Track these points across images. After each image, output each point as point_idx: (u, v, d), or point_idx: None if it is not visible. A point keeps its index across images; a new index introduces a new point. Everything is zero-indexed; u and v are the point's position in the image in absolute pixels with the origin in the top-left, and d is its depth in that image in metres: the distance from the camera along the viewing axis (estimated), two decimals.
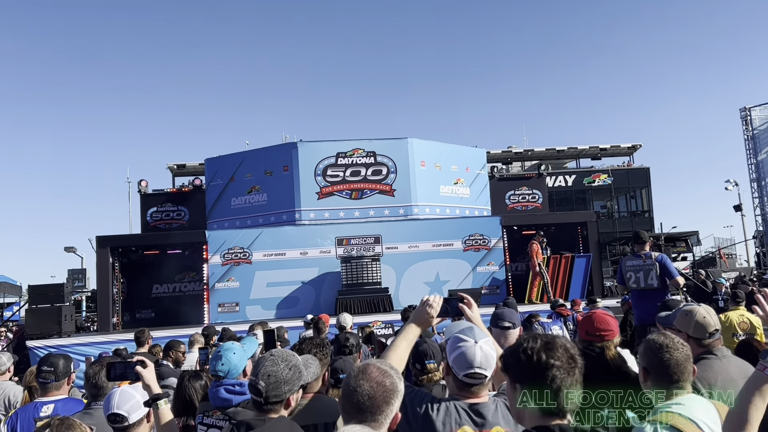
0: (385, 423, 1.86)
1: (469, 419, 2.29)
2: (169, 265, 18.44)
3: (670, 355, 2.33)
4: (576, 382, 1.74)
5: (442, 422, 2.27)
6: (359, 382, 1.86)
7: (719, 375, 2.89)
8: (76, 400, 4.08)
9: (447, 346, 2.44)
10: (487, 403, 2.35)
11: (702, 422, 2.17)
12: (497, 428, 2.28)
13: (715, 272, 20.09)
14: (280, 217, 18.15)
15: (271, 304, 16.17)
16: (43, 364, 3.98)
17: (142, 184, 21.05)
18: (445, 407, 2.31)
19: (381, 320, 13.36)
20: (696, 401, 2.29)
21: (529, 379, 1.76)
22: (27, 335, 12.89)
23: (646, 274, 7.11)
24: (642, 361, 2.41)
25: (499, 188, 21.47)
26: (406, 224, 17.69)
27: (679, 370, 2.32)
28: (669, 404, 2.26)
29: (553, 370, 1.72)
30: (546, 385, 1.72)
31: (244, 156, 19.42)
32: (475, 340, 2.36)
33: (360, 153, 18.51)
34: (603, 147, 37.33)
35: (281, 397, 2.37)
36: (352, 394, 1.84)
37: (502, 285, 17.31)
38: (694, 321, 3.07)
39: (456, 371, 2.35)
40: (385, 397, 1.85)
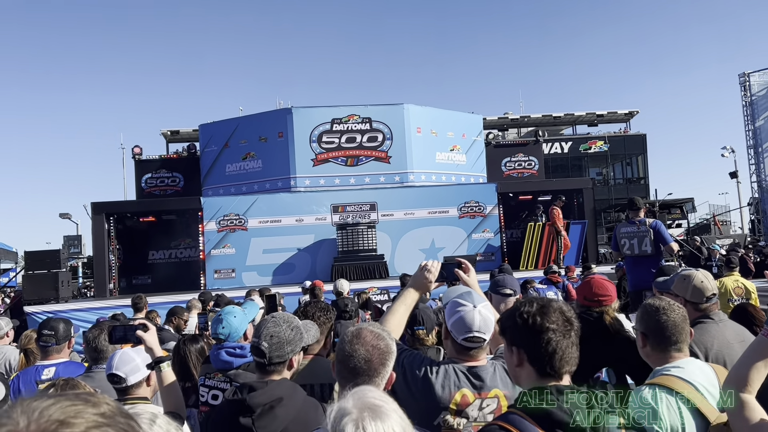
0: (381, 384, 1.89)
1: (468, 382, 2.31)
2: (164, 232, 18.43)
3: (668, 316, 2.34)
4: (572, 344, 1.75)
5: (441, 385, 2.30)
6: (355, 346, 1.87)
7: (716, 339, 2.91)
8: (76, 364, 4.10)
9: (446, 310, 2.45)
10: (486, 366, 2.37)
11: (701, 385, 2.19)
12: (496, 390, 2.31)
13: (709, 239, 20.21)
14: (276, 183, 18.09)
15: (268, 271, 16.23)
16: (44, 327, 3.99)
17: (135, 150, 20.87)
18: (444, 370, 2.34)
19: (377, 286, 13.47)
20: (695, 364, 2.31)
21: (526, 341, 1.78)
22: (24, 301, 12.93)
23: (640, 240, 7.11)
24: (640, 326, 2.42)
25: (495, 155, 21.39)
26: (401, 191, 17.67)
27: (677, 332, 2.33)
28: (668, 368, 2.28)
29: (549, 332, 1.73)
30: (542, 348, 1.74)
31: (239, 122, 19.24)
32: (474, 305, 2.37)
33: (355, 119, 18.36)
34: (600, 113, 37.09)
35: (284, 357, 2.39)
36: (348, 358, 1.86)
37: (497, 252, 17.38)
38: (692, 285, 3.08)
39: (455, 335, 2.37)
40: (381, 359, 1.88)
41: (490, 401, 2.29)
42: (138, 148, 20.87)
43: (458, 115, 20.39)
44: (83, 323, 10.40)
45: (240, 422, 2.20)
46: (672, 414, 2.09)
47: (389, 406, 1.31)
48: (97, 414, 0.77)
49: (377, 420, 1.25)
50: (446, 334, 2.45)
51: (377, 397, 1.32)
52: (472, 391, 2.30)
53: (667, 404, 2.11)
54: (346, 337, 1.92)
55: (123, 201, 21.78)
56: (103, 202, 16.89)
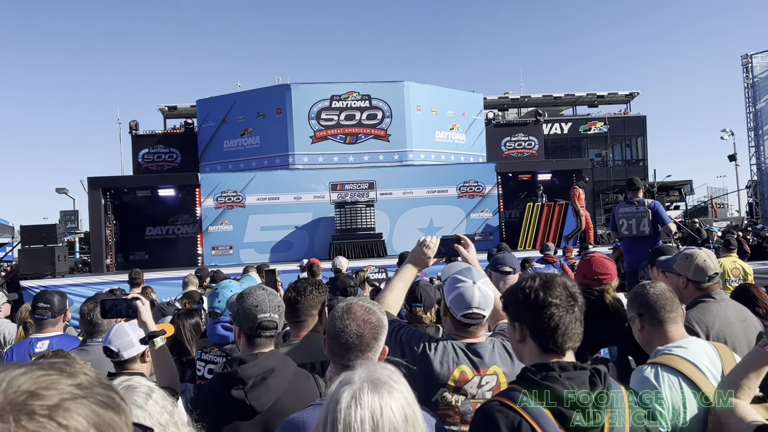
0: (374, 358, 1.87)
1: (466, 359, 2.29)
2: (161, 208, 18.35)
3: (654, 289, 2.36)
4: (575, 319, 1.72)
5: (440, 361, 2.27)
6: (346, 322, 1.84)
7: (717, 318, 2.89)
8: (70, 337, 4.09)
9: (445, 286, 2.42)
10: (485, 343, 2.35)
11: (703, 365, 2.18)
12: (494, 368, 2.28)
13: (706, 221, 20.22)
14: (274, 160, 17.99)
15: (265, 248, 16.21)
16: (39, 300, 3.97)
17: (131, 124, 20.70)
18: (443, 347, 2.31)
19: (375, 265, 13.47)
20: (697, 344, 2.29)
21: (528, 317, 1.75)
22: (20, 275, 12.90)
23: (638, 221, 7.08)
24: (633, 308, 2.40)
25: (495, 134, 21.27)
26: (400, 170, 17.58)
27: (667, 302, 2.33)
28: (670, 347, 2.26)
29: (552, 308, 1.70)
30: (544, 323, 1.71)
31: (237, 98, 19.07)
32: (474, 281, 2.34)
33: (355, 96, 18.21)
34: (600, 94, 36.93)
35: (279, 329, 2.40)
36: (340, 334, 1.84)
37: (495, 231, 17.37)
38: (695, 264, 3.05)
39: (454, 311, 2.34)
40: (373, 333, 1.85)
41: (489, 378, 2.27)
42: (134, 122, 20.69)
43: (458, 94, 20.22)
44: (79, 298, 10.38)
45: (232, 395, 2.18)
46: (674, 393, 2.09)
47: (396, 384, 1.27)
48: (72, 385, 0.71)
49: (376, 394, 1.22)
50: (445, 311, 2.42)
51: (386, 374, 1.29)
52: (471, 368, 2.28)
53: (669, 383, 2.11)
54: (336, 313, 1.89)
55: (120, 176, 21.64)
56: (100, 177, 16.78)
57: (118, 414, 0.73)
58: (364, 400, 1.20)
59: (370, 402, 1.20)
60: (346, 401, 1.20)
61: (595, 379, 1.64)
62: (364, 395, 1.20)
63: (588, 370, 1.67)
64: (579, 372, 1.66)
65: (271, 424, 2.19)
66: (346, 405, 1.19)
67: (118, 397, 0.75)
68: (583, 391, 1.60)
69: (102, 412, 0.70)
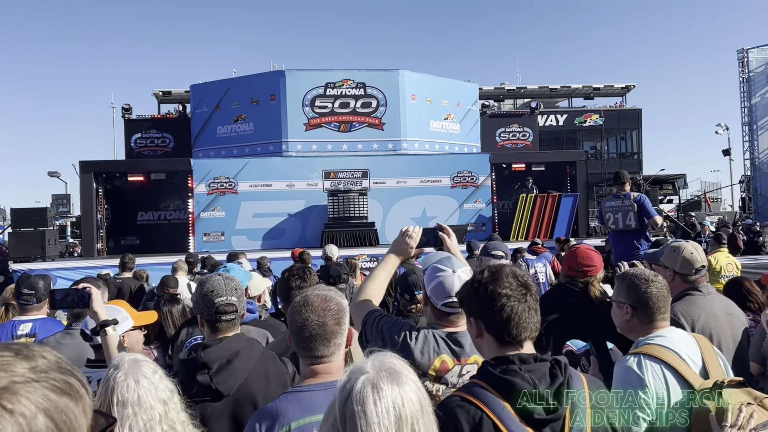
0: (342, 343, 1.87)
1: (447, 348, 2.27)
2: (153, 193, 18.26)
3: (657, 289, 2.31)
4: (529, 308, 1.69)
5: (420, 350, 2.25)
6: (305, 315, 1.84)
7: (703, 311, 2.89)
8: (54, 320, 4.05)
9: (425, 276, 2.41)
10: (465, 332, 2.33)
11: (684, 353, 2.19)
12: (475, 357, 2.27)
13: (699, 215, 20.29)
14: (267, 147, 17.91)
15: (257, 235, 16.16)
16: (23, 286, 3.93)
17: (124, 107, 20.54)
18: (424, 336, 2.29)
19: (366, 254, 13.47)
20: (677, 333, 2.30)
21: (481, 310, 1.73)
22: (10, 258, 12.82)
23: (624, 215, 7.10)
24: (627, 298, 2.35)
25: (490, 125, 21.24)
26: (394, 159, 17.54)
27: (665, 302, 2.32)
28: (651, 337, 2.27)
29: (502, 299, 1.68)
30: (496, 315, 1.68)
31: (231, 83, 18.95)
32: (453, 270, 2.32)
33: (349, 84, 18.11)
34: (596, 87, 36.85)
35: (241, 312, 2.40)
36: (302, 328, 1.83)
37: (488, 222, 17.38)
38: (681, 257, 3.04)
39: (434, 301, 2.32)
40: (335, 319, 1.86)
41: (470, 368, 2.25)
42: (128, 105, 20.53)
43: (454, 83, 20.15)
44: (69, 282, 10.33)
45: (198, 380, 2.17)
46: (657, 381, 2.10)
47: (409, 373, 1.26)
48: (26, 368, 0.68)
49: (395, 384, 1.20)
50: (426, 300, 2.41)
51: (398, 363, 1.27)
52: (452, 358, 2.26)
53: (653, 372, 2.12)
54: (293, 309, 1.88)
55: (112, 160, 21.53)
56: (92, 161, 16.67)
57: (75, 400, 0.70)
58: (385, 390, 1.18)
59: (390, 392, 1.18)
60: (366, 392, 1.17)
61: (555, 370, 1.63)
62: (384, 385, 1.18)
63: (548, 362, 1.66)
64: (539, 364, 1.65)
65: (239, 405, 2.20)
66: (366, 396, 1.17)
67: (78, 383, 0.72)
68: (543, 384, 1.59)
69: (55, 397, 0.68)
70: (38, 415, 0.65)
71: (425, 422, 1.22)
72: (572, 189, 17.61)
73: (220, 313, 2.33)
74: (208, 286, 2.36)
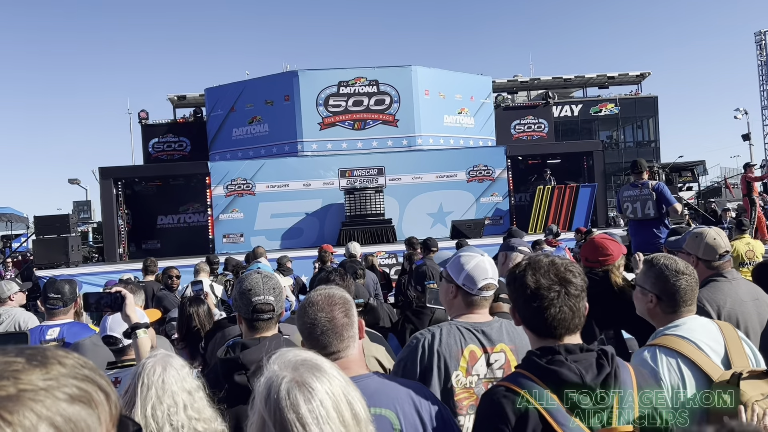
0: (354, 335, 1.87)
1: (474, 337, 2.25)
2: (172, 197, 18.45)
3: (687, 282, 2.24)
4: (565, 304, 1.66)
5: (447, 345, 2.23)
6: (313, 314, 1.85)
7: (728, 297, 2.84)
8: (81, 324, 4.12)
9: (452, 267, 2.39)
10: (491, 321, 2.33)
11: (702, 342, 2.13)
12: (501, 345, 2.26)
13: (720, 202, 20.01)
14: (282, 148, 17.99)
15: (276, 235, 16.26)
16: (50, 290, 4.00)
17: (141, 114, 20.75)
18: (447, 330, 2.27)
19: (384, 251, 13.49)
20: (695, 321, 2.24)
21: (519, 305, 1.73)
22: (35, 265, 13.03)
23: (643, 203, 6.96)
24: (654, 287, 2.28)
25: (504, 117, 21.12)
26: (409, 155, 17.52)
27: (693, 295, 2.27)
28: (668, 327, 2.22)
29: (536, 296, 1.67)
30: (534, 312, 1.67)
31: (245, 85, 19.05)
32: (480, 254, 2.36)
33: (362, 82, 18.12)
34: (611, 75, 36.46)
35: (279, 311, 2.40)
36: (313, 327, 1.84)
37: (505, 215, 17.30)
38: (704, 243, 3.00)
39: (470, 287, 2.30)
40: (344, 311, 1.87)
41: (497, 356, 2.25)
42: (144, 112, 20.73)
43: (466, 77, 20.07)
44: (93, 287, 10.48)
45: (235, 380, 2.19)
46: (672, 374, 2.05)
47: (323, 362, 1.24)
48: (38, 376, 0.65)
49: (321, 378, 1.17)
50: (455, 293, 2.38)
51: (305, 354, 1.25)
52: (479, 347, 2.25)
53: (668, 365, 2.06)
54: (300, 312, 1.91)
55: (130, 166, 21.73)
56: (111, 167, 16.87)
57: (89, 407, 0.67)
58: (317, 388, 1.15)
59: (319, 385, 1.16)
60: (294, 395, 1.14)
61: (602, 360, 1.61)
62: (312, 383, 1.16)
63: (595, 352, 1.64)
64: (585, 354, 1.63)
65: None
66: (296, 399, 1.14)
67: (95, 389, 0.69)
68: (589, 374, 1.58)
69: (65, 406, 0.65)
70: (40, 426, 0.62)
71: (355, 393, 1.21)
72: (590, 179, 17.46)
73: (257, 312, 2.33)
74: (246, 285, 2.36)
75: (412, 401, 1.75)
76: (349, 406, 1.16)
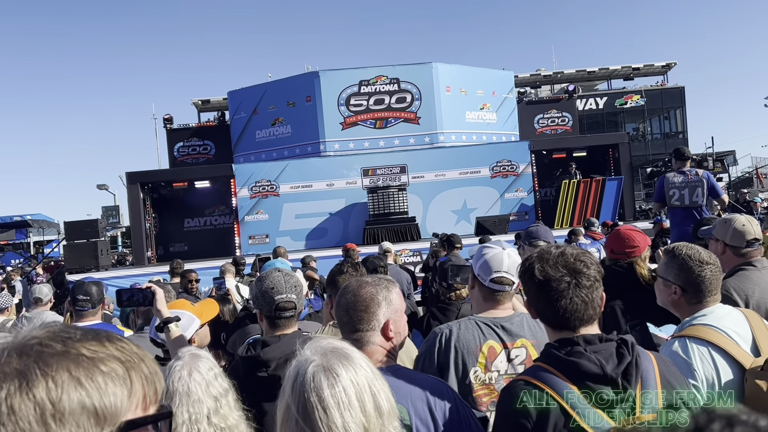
0: (381, 322, 1.81)
1: (493, 333, 2.22)
2: (198, 200, 18.69)
3: (711, 272, 2.18)
4: (577, 295, 1.61)
5: (464, 340, 2.20)
6: (345, 295, 1.86)
7: (757, 286, 2.76)
8: (109, 325, 4.18)
9: (473, 259, 2.39)
10: (512, 316, 2.30)
11: (731, 330, 2.08)
12: (522, 340, 2.23)
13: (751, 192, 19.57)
14: (305, 148, 18.09)
15: (300, 236, 16.35)
16: (79, 293, 4.06)
17: (166, 117, 21.06)
18: (465, 326, 2.24)
19: (409, 248, 13.48)
20: (723, 310, 2.18)
21: (532, 296, 1.70)
22: (66, 269, 13.31)
23: (692, 190, 6.68)
24: (678, 279, 2.22)
25: (528, 112, 20.92)
26: (431, 152, 17.46)
27: (717, 284, 2.21)
28: (694, 317, 2.17)
29: (549, 287, 1.63)
30: (547, 304, 1.64)
31: (267, 87, 19.20)
32: (502, 248, 2.32)
33: (383, 80, 18.11)
34: (636, 67, 35.85)
35: (299, 309, 2.40)
36: (341, 303, 1.85)
37: (530, 211, 17.13)
38: (733, 228, 2.92)
39: (482, 278, 2.29)
40: (372, 294, 1.83)
41: (518, 351, 2.22)
42: (169, 116, 21.04)
43: (488, 72, 19.92)
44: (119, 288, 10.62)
45: (257, 377, 2.19)
46: (706, 365, 2.00)
47: (354, 352, 1.24)
48: (89, 347, 0.71)
49: (348, 366, 1.19)
50: (473, 283, 2.37)
51: (337, 343, 1.26)
52: (498, 342, 2.22)
53: (700, 355, 2.02)
54: (338, 294, 1.91)
55: (156, 170, 22.05)
56: (138, 171, 17.15)
57: (125, 386, 0.71)
58: (342, 375, 1.17)
59: (347, 376, 1.18)
60: (319, 379, 1.17)
61: (622, 350, 1.57)
62: (339, 369, 1.18)
63: (614, 341, 1.61)
64: (605, 344, 1.59)
65: None
66: (320, 383, 1.16)
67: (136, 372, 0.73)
68: (610, 364, 1.55)
69: (101, 379, 0.69)
70: (69, 386, 0.67)
71: (381, 385, 1.21)
72: (616, 172, 17.20)
73: (280, 310, 2.34)
74: (268, 283, 2.37)
75: (426, 398, 1.72)
76: (373, 397, 1.17)
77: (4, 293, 6.32)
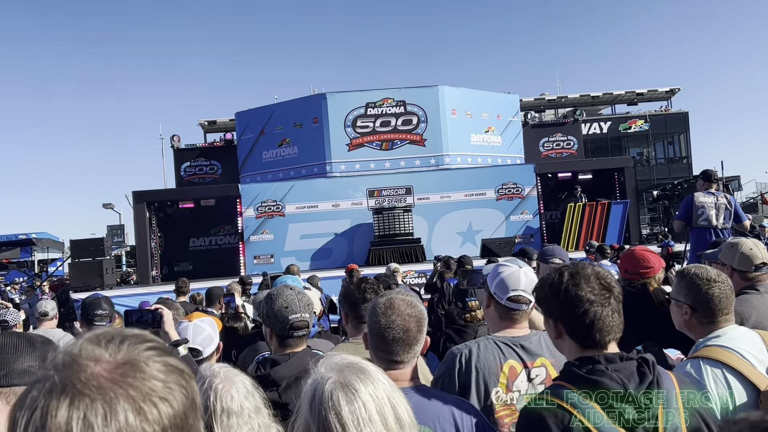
0: (418, 350, 1.83)
1: (513, 352, 2.20)
2: (204, 219, 18.75)
3: (720, 289, 2.18)
4: (612, 311, 1.63)
5: (484, 361, 2.18)
6: (391, 318, 1.80)
7: (755, 309, 2.73)
8: None
9: (488, 277, 2.38)
10: (530, 335, 2.28)
11: (746, 351, 2.07)
12: (541, 359, 2.21)
13: (757, 218, 19.53)
14: (311, 169, 18.18)
15: (306, 256, 16.33)
16: (96, 309, 4.02)
17: (174, 138, 21.23)
18: (485, 345, 2.22)
19: (414, 270, 13.46)
20: (737, 331, 2.18)
21: (562, 313, 1.68)
22: (71, 288, 13.31)
23: (723, 213, 6.60)
24: (687, 298, 2.24)
25: (533, 135, 21.03)
26: (437, 174, 17.53)
27: (728, 303, 2.20)
28: (710, 338, 2.16)
29: (585, 303, 1.62)
30: (579, 320, 1.62)
31: (274, 109, 19.36)
32: (519, 266, 2.32)
33: (390, 102, 18.26)
34: (639, 92, 35.98)
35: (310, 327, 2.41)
36: (386, 330, 1.79)
37: (536, 233, 17.12)
38: (740, 252, 2.91)
39: (499, 296, 2.28)
40: (418, 326, 1.82)
41: (538, 371, 2.20)
42: (176, 136, 21.22)
43: (493, 96, 20.08)
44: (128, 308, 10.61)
45: (266, 396, 2.20)
46: (719, 386, 1.99)
47: (369, 366, 1.23)
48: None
49: (366, 380, 1.17)
50: (489, 301, 2.35)
51: (351, 358, 1.24)
52: (518, 362, 2.20)
53: (714, 377, 2.01)
54: (379, 309, 1.85)
55: (163, 189, 22.16)
56: (144, 190, 17.23)
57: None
58: (361, 391, 1.15)
59: (366, 392, 1.16)
60: (337, 396, 1.14)
61: (643, 369, 1.57)
62: (357, 385, 1.16)
63: (635, 360, 1.61)
64: (626, 363, 1.59)
65: None
66: (338, 400, 1.14)
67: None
68: (632, 383, 1.54)
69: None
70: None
71: (399, 398, 1.20)
72: (621, 196, 17.21)
73: (293, 329, 2.34)
74: (282, 302, 2.36)
75: (453, 418, 1.71)
76: (393, 410, 1.15)
77: (11, 310, 6.36)
